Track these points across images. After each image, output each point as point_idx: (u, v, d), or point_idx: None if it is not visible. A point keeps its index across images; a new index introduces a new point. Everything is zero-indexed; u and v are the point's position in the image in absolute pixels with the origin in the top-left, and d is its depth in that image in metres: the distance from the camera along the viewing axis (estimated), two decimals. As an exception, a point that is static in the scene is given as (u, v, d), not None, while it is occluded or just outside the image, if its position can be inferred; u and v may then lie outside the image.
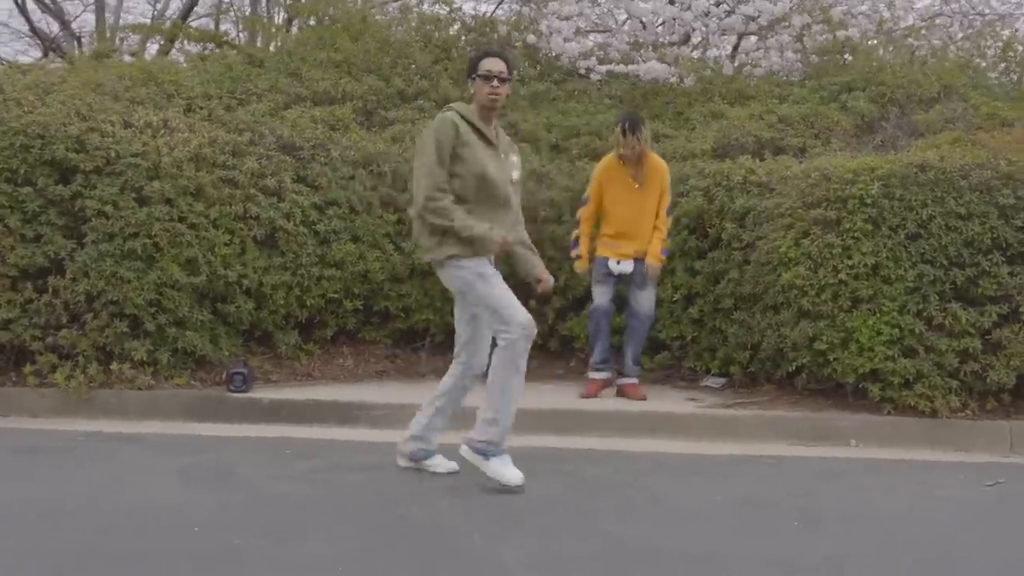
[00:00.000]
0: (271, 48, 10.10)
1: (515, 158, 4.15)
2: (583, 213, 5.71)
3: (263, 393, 5.45)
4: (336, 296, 6.09)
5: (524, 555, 3.07)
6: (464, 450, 3.90)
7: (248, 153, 5.92)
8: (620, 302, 5.88)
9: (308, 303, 6.01)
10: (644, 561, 3.06)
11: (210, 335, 5.66)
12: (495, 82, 3.89)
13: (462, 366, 4.09)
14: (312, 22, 9.74)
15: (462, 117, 3.90)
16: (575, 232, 5.74)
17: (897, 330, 5.06)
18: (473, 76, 3.96)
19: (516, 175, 4.11)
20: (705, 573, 2.98)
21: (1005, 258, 5.09)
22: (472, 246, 3.83)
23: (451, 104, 4.05)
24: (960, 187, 5.12)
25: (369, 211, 6.20)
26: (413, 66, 8.05)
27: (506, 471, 3.85)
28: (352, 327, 6.33)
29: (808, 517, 3.61)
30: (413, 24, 9.26)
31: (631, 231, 5.58)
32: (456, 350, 4.11)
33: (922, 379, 5.05)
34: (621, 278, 5.67)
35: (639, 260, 5.58)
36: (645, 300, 5.67)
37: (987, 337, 5.07)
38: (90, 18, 13.51)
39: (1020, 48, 8.61)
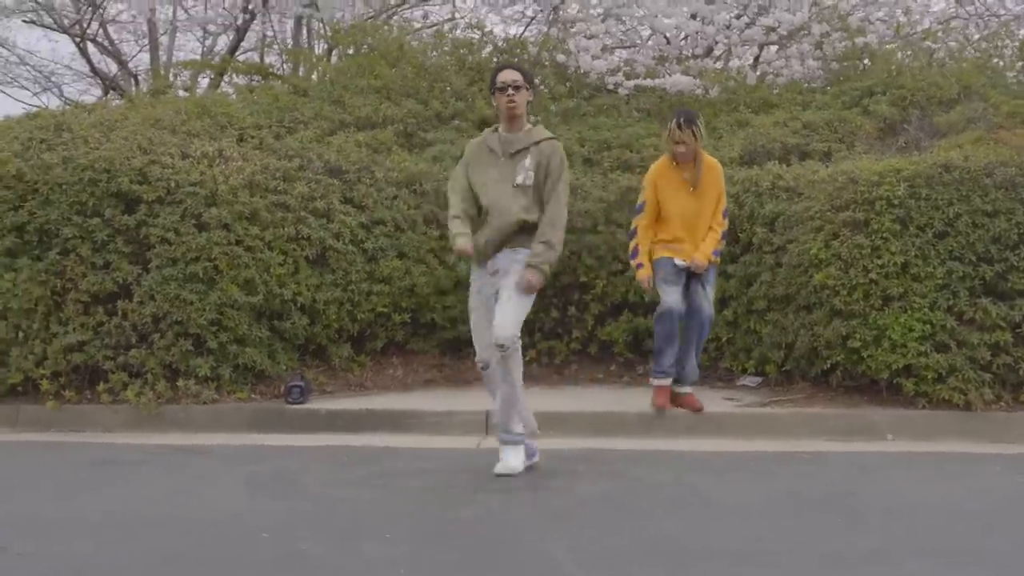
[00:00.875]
0: (314, 77, 10.19)
1: (525, 162, 4.12)
2: (639, 222, 5.21)
3: (320, 404, 5.50)
4: (385, 310, 6.12)
5: (576, 553, 3.06)
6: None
7: (298, 178, 5.98)
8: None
9: (359, 317, 6.05)
10: (697, 558, 3.03)
11: (268, 351, 5.72)
12: (509, 91, 4.06)
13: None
14: (351, 51, 9.81)
15: (483, 138, 4.27)
16: (633, 242, 5.24)
17: (929, 326, 4.98)
18: (492, 91, 4.19)
19: (519, 179, 4.10)
20: (759, 571, 2.93)
21: (1033, 253, 5.00)
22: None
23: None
24: (985, 185, 5.03)
25: (414, 228, 6.23)
26: (449, 89, 8.06)
27: (511, 461, 4.16)
28: (401, 339, 6.36)
29: (851, 512, 3.56)
30: (447, 49, 9.28)
31: (688, 236, 5.12)
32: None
33: (955, 373, 4.97)
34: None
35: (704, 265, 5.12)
36: (704, 300, 5.12)
37: (1018, 330, 4.98)
38: (145, 57, 13.75)
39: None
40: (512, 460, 4.11)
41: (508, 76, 4.08)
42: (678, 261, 5.10)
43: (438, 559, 3.04)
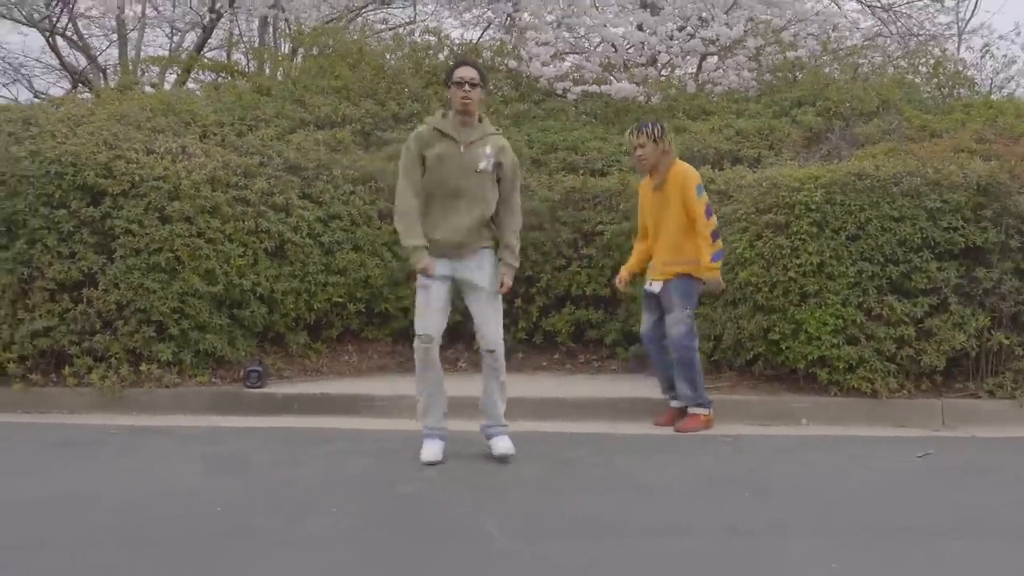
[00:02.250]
0: (278, 75, 10.16)
1: (485, 149, 4.11)
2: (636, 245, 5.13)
3: (277, 388, 5.56)
4: (340, 300, 6.19)
5: (507, 528, 3.19)
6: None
7: (258, 174, 6.01)
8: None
9: (315, 307, 6.12)
10: (616, 532, 3.18)
11: (228, 337, 5.76)
12: (466, 87, 4.07)
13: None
14: (315, 52, 9.79)
15: (432, 126, 4.14)
16: None
17: (841, 321, 5.18)
18: (449, 83, 4.15)
19: (482, 165, 4.09)
20: (668, 541, 3.10)
21: (934, 255, 5.21)
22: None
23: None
24: (893, 193, 5.24)
25: (369, 223, 6.29)
26: (406, 90, 8.11)
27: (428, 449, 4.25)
28: (356, 327, 6.43)
29: (760, 489, 3.73)
30: (405, 52, 9.32)
31: (656, 248, 4.89)
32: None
33: (864, 364, 5.18)
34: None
35: (668, 281, 4.83)
36: (671, 325, 4.83)
37: (920, 325, 5.19)
38: (115, 51, 13.56)
39: (949, 66, 8.73)
40: (508, 442, 4.29)
41: (466, 72, 4.07)
42: (646, 286, 4.95)
43: (379, 533, 3.15)
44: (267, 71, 10.32)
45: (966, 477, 3.99)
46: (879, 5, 10.69)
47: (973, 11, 12.78)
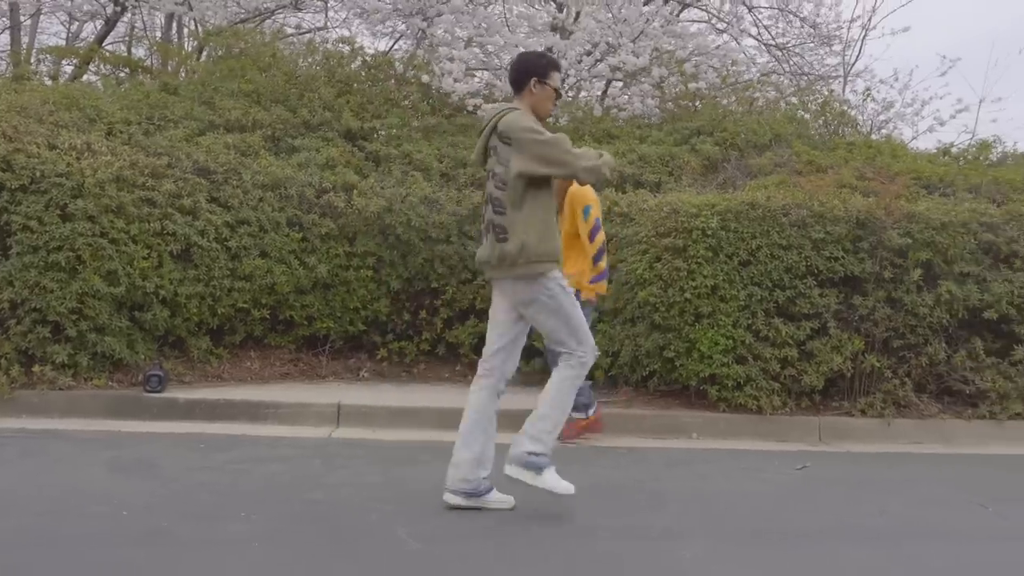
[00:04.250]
0: (181, 74, 9.98)
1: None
2: None
3: (178, 393, 5.50)
4: (245, 306, 6.17)
5: (416, 531, 3.31)
6: (512, 469, 3.60)
7: (166, 176, 5.95)
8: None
9: (219, 312, 6.09)
10: (517, 534, 3.36)
11: (127, 340, 5.68)
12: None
13: (496, 372, 3.72)
14: (222, 52, 9.66)
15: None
16: None
17: (731, 341, 5.52)
18: (544, 82, 3.67)
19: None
20: (570, 543, 3.29)
21: (816, 282, 5.64)
22: (560, 256, 3.63)
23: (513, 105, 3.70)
24: (782, 223, 5.63)
25: (277, 230, 6.29)
26: (318, 98, 8.13)
27: (560, 482, 3.59)
28: (259, 333, 6.43)
29: (655, 497, 3.99)
30: (318, 59, 9.33)
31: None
32: (486, 355, 3.76)
33: (751, 382, 5.54)
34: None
35: None
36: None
37: (802, 347, 5.60)
38: (5, 39, 13.00)
39: (836, 106, 9.37)
40: (562, 482, 3.63)
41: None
42: None
43: (291, 536, 3.22)
44: (171, 68, 10.11)
45: (838, 487, 4.35)
46: (774, 44, 11.38)
47: (858, 55, 13.64)
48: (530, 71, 3.68)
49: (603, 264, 4.90)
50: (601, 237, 4.91)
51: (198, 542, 3.10)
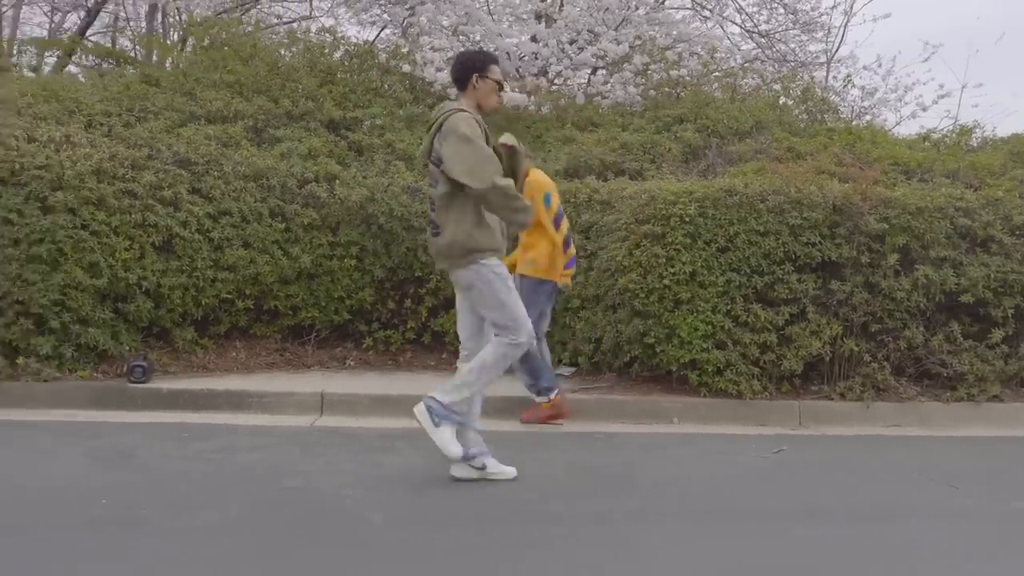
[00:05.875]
0: (166, 65, 9.95)
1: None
2: None
3: (162, 383, 5.52)
4: (229, 296, 6.18)
5: (390, 517, 3.35)
6: (418, 408, 3.73)
7: (147, 167, 5.95)
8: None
9: (203, 302, 6.09)
10: (490, 519, 3.40)
11: (111, 332, 5.68)
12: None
13: (476, 354, 3.87)
14: (206, 43, 9.63)
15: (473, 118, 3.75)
16: None
17: (711, 327, 5.56)
18: (485, 76, 3.83)
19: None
20: (547, 527, 3.33)
21: (794, 268, 5.68)
22: (497, 246, 3.78)
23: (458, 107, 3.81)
24: (759, 209, 5.67)
25: (259, 220, 6.29)
26: (300, 88, 8.11)
27: (452, 444, 3.72)
28: (244, 324, 6.44)
29: (628, 480, 4.03)
30: (300, 49, 9.30)
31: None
32: (463, 340, 3.97)
33: (730, 367, 5.58)
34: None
35: (517, 277, 5.01)
36: None
37: (781, 332, 5.64)
38: (-13, 29, 12.92)
39: (817, 92, 9.39)
40: (453, 445, 3.79)
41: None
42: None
43: (265, 523, 3.26)
44: (155, 60, 10.07)
45: (812, 470, 4.40)
46: (757, 31, 11.40)
47: (840, 42, 13.71)
48: (470, 67, 3.85)
49: (573, 250, 5.08)
50: (565, 223, 5.11)
51: (173, 528, 3.13)
